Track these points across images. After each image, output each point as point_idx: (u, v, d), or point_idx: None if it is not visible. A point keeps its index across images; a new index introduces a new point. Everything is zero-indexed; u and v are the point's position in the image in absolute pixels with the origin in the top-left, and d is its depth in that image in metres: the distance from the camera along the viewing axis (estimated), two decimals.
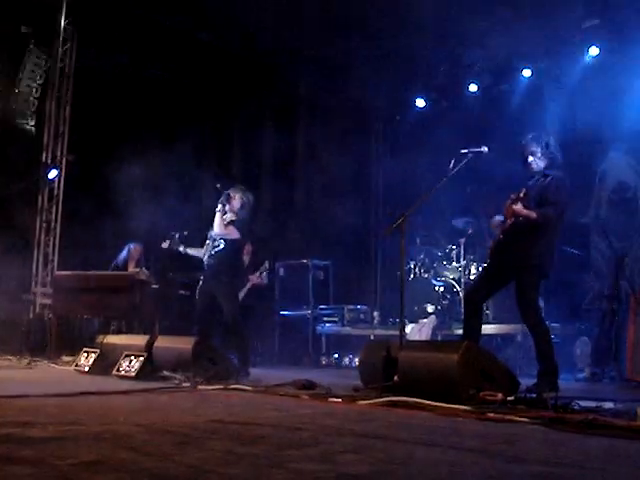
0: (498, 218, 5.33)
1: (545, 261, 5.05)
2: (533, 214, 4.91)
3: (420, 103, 11.10)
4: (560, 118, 8.35)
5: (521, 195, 4.94)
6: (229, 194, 6.52)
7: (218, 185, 6.67)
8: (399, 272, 5.04)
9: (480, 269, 8.73)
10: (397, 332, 4.79)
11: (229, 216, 6.52)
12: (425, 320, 8.13)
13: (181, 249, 7.01)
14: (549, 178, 5.08)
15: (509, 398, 3.83)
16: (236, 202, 6.55)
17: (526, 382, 4.60)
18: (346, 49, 9.48)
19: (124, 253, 8.86)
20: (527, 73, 9.73)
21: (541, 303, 5.94)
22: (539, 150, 5.13)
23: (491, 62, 9.71)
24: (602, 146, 7.44)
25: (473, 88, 10.37)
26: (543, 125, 7.83)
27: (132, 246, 8.87)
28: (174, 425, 2.97)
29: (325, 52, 9.71)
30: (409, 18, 8.05)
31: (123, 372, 5.52)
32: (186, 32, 10.01)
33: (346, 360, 8.68)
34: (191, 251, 6.98)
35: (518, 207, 4.93)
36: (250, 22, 9.41)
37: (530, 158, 5.16)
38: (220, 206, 6.45)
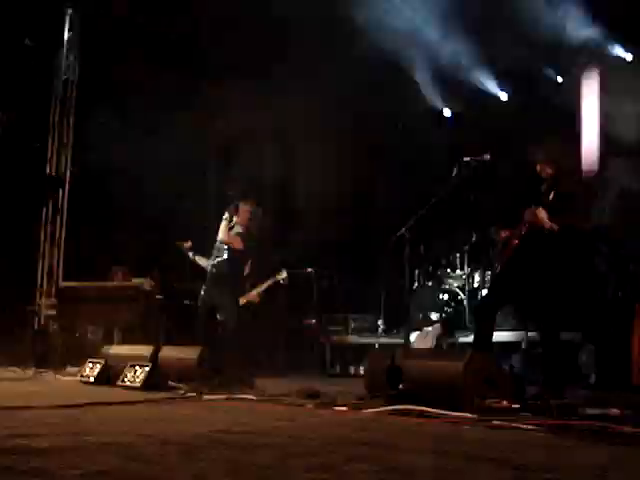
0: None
1: (567, 268, 5.05)
2: (555, 226, 4.76)
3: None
4: (564, 123, 8.34)
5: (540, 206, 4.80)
6: (238, 206, 6.51)
7: (230, 193, 6.65)
8: (403, 281, 5.04)
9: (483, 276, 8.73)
10: (402, 341, 4.78)
11: (236, 229, 6.52)
12: (429, 328, 8.10)
13: (190, 255, 6.98)
14: (564, 186, 4.91)
15: (514, 406, 3.83)
16: (245, 215, 6.54)
17: (532, 390, 4.59)
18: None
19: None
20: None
21: None
22: (544, 157, 5.07)
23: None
24: (604, 151, 7.43)
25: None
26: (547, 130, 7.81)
27: (113, 271, 8.80)
28: (179, 435, 2.97)
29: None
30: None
31: (128, 382, 5.50)
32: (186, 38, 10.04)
33: (351, 369, 8.65)
34: (199, 260, 6.97)
35: (542, 215, 4.77)
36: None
37: (538, 166, 5.12)
38: (227, 215, 6.44)
